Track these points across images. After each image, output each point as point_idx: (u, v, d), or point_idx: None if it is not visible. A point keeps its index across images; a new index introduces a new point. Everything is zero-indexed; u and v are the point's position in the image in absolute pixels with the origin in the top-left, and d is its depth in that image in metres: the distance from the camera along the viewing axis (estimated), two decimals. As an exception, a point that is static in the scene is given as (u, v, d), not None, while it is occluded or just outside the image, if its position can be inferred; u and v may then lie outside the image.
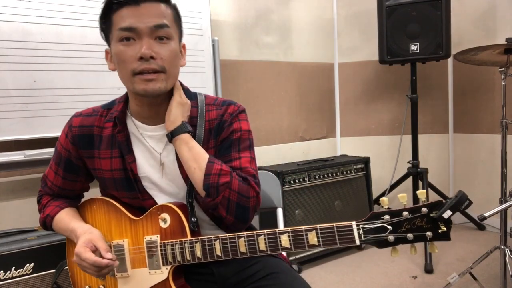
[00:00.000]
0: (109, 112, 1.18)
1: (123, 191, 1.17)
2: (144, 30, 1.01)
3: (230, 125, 1.14)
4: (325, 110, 3.37)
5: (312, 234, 0.96)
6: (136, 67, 1.02)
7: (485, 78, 3.02)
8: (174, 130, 1.08)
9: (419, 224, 0.90)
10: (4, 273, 1.44)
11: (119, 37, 1.03)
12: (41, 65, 1.88)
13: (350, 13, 3.33)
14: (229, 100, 1.19)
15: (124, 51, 1.03)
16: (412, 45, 2.75)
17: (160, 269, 1.10)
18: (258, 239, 1.00)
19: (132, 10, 1.01)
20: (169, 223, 1.10)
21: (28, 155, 1.89)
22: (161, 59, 1.03)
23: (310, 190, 2.61)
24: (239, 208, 1.06)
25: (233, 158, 1.12)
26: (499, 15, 2.92)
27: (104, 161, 1.16)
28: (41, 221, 1.25)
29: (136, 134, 1.16)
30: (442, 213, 0.87)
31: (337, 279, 2.44)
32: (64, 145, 1.20)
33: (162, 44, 1.04)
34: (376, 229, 0.92)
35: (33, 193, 2.06)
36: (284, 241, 0.98)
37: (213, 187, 1.04)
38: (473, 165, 3.19)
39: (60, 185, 1.24)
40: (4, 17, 1.79)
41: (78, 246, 1.08)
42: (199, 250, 1.04)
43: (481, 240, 2.90)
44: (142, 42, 1.01)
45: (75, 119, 1.20)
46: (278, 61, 3.05)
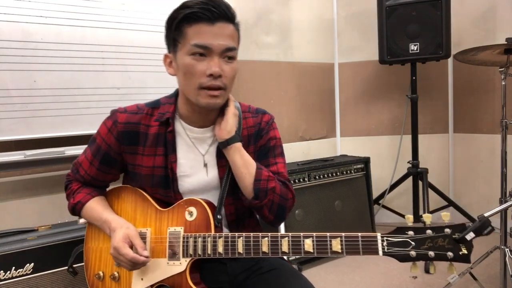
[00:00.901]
0: (155, 111, 1.22)
1: (158, 188, 1.22)
2: (216, 49, 1.08)
3: (267, 133, 1.26)
4: (325, 110, 3.37)
5: (336, 241, 1.00)
6: (204, 82, 1.09)
7: (485, 78, 3.02)
8: (229, 139, 1.17)
9: (441, 243, 0.93)
10: (4, 273, 1.44)
11: (191, 51, 1.09)
12: (41, 65, 1.88)
13: (350, 13, 3.33)
14: (261, 109, 1.30)
15: (194, 65, 1.09)
16: (412, 45, 2.75)
17: (179, 260, 1.13)
18: (282, 240, 1.04)
19: (207, 28, 1.07)
20: (195, 217, 1.15)
21: (28, 155, 1.89)
22: (226, 77, 1.11)
23: (310, 190, 2.61)
24: (280, 208, 1.18)
25: (271, 163, 1.24)
26: (499, 15, 2.92)
27: (146, 158, 1.21)
28: (70, 207, 1.29)
29: (182, 135, 1.22)
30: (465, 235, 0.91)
31: (337, 279, 2.44)
32: (106, 139, 1.22)
33: (228, 63, 1.12)
34: (400, 243, 0.96)
35: (33, 193, 2.06)
36: (308, 245, 1.02)
37: (262, 191, 1.15)
38: (473, 165, 3.19)
39: (93, 175, 1.27)
40: (4, 17, 1.79)
41: (116, 241, 1.12)
42: (221, 246, 1.09)
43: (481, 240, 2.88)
44: (212, 61, 1.08)
45: (121, 115, 1.22)
46: (278, 61, 3.04)
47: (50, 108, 1.91)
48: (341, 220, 2.70)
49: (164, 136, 1.20)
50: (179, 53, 1.12)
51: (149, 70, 2.15)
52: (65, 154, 1.96)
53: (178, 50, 1.12)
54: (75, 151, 1.97)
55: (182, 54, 1.11)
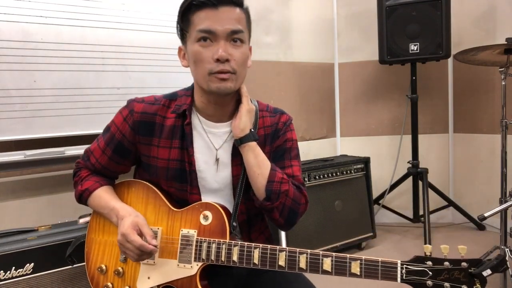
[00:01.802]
0: (172, 103, 1.20)
1: (173, 181, 1.19)
2: (221, 33, 1.07)
3: (284, 134, 1.23)
4: (325, 110, 3.37)
5: (355, 264, 1.00)
6: (213, 67, 1.08)
7: (485, 78, 3.02)
8: (243, 137, 1.15)
9: (457, 276, 0.95)
10: (4, 273, 1.44)
11: (197, 38, 1.08)
12: (41, 65, 1.88)
13: (350, 13, 3.33)
14: (280, 109, 1.29)
15: (201, 52, 1.08)
16: (412, 45, 2.75)
17: (191, 264, 1.11)
18: (300, 257, 1.03)
19: (211, 12, 1.06)
20: (210, 221, 1.12)
21: (28, 155, 1.89)
22: (235, 61, 1.09)
23: (310, 190, 2.61)
24: (291, 212, 1.16)
25: (286, 165, 1.22)
26: (499, 15, 2.92)
27: (162, 150, 1.19)
28: (77, 194, 1.26)
29: (198, 128, 1.19)
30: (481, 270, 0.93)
31: (337, 279, 2.42)
32: (121, 128, 1.21)
33: (236, 47, 1.10)
34: (418, 272, 0.97)
35: (33, 193, 2.06)
36: (326, 265, 1.02)
37: (274, 193, 1.13)
38: (473, 165, 3.19)
39: (104, 164, 1.25)
40: (4, 17, 1.79)
41: (125, 227, 1.10)
42: (236, 254, 1.07)
43: (481, 240, 2.90)
44: (219, 45, 1.07)
45: (138, 104, 1.20)
46: (278, 61, 3.05)
47: (50, 108, 1.91)
48: (341, 220, 2.70)
49: (181, 128, 1.18)
50: (188, 43, 1.12)
51: (149, 70, 2.15)
52: (65, 154, 1.96)
53: (187, 40, 1.12)
54: (75, 151, 1.97)
55: (190, 43, 1.11)
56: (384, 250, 2.81)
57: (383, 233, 3.10)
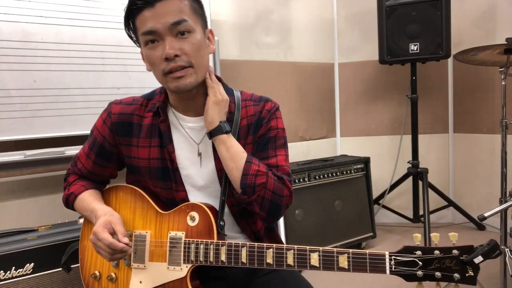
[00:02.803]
0: (150, 102, 1.20)
1: (157, 180, 1.18)
2: (163, 30, 1.03)
3: (268, 122, 1.18)
4: (325, 110, 3.37)
5: (343, 257, 0.97)
6: (165, 67, 1.05)
7: (485, 78, 3.02)
8: (212, 130, 1.11)
9: (448, 264, 0.92)
10: (4, 273, 1.44)
11: (144, 41, 1.06)
12: (41, 65, 1.88)
13: (350, 13, 3.33)
14: (265, 97, 1.23)
15: (151, 54, 1.06)
16: (412, 45, 2.75)
17: (180, 266, 1.10)
18: (287, 253, 1.00)
19: (150, 12, 1.03)
20: (197, 222, 1.11)
21: (28, 155, 1.89)
22: (186, 55, 1.05)
23: (310, 190, 2.61)
24: (272, 205, 1.10)
25: (270, 155, 1.16)
26: (499, 15, 2.92)
27: (142, 150, 1.18)
28: (64, 198, 1.27)
29: (176, 124, 1.18)
30: (473, 257, 0.90)
31: (338, 279, 2.43)
32: (101, 131, 1.21)
33: (184, 39, 1.05)
34: (407, 263, 0.95)
35: (33, 193, 2.06)
36: (314, 260, 0.99)
37: (249, 186, 1.08)
38: (473, 165, 3.18)
39: (90, 168, 1.25)
40: (4, 17, 1.79)
41: (96, 226, 1.09)
42: (224, 254, 1.05)
43: (481, 240, 2.88)
44: (165, 43, 1.03)
45: (115, 106, 1.21)
46: (278, 61, 3.04)
47: (50, 108, 1.91)
48: (341, 220, 2.70)
49: (158, 126, 1.16)
50: (142, 48, 1.10)
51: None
52: (65, 154, 1.96)
53: (140, 45, 1.10)
54: (75, 151, 1.95)
55: (142, 48, 1.09)
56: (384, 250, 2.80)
57: (383, 233, 3.10)
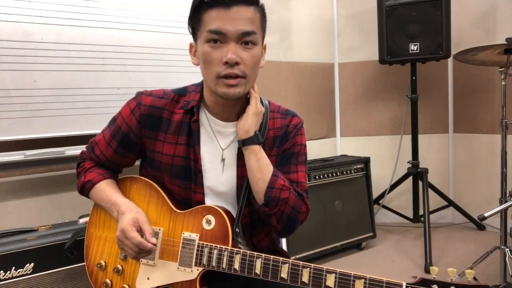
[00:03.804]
0: (181, 98, 1.18)
1: (177, 179, 1.17)
2: (232, 35, 1.03)
3: (294, 137, 1.20)
4: (325, 110, 3.37)
5: (359, 282, 0.97)
6: (221, 70, 1.04)
7: (485, 78, 3.02)
8: (246, 139, 1.12)
9: None
10: (4, 273, 1.44)
11: (206, 38, 1.04)
12: (41, 65, 1.88)
13: (350, 13, 3.33)
14: (292, 111, 1.24)
15: (210, 53, 1.05)
16: (412, 45, 2.75)
17: (191, 268, 1.09)
18: (303, 271, 0.99)
19: (223, 12, 1.02)
20: (212, 226, 1.10)
21: (28, 155, 1.89)
22: (244, 65, 1.05)
23: (310, 190, 2.58)
24: (290, 220, 1.13)
25: (291, 170, 1.18)
26: (499, 15, 2.92)
27: (167, 146, 1.17)
28: (79, 185, 1.23)
29: (205, 126, 1.17)
30: None
31: (337, 279, 2.43)
32: (127, 120, 1.18)
33: (247, 49, 1.05)
34: None
35: (33, 193, 2.06)
36: (330, 281, 0.97)
37: (273, 200, 1.10)
38: (473, 165, 3.18)
39: (109, 156, 1.23)
40: (4, 17, 1.79)
41: (125, 223, 1.08)
42: (238, 263, 1.04)
43: (481, 240, 2.90)
44: (228, 47, 1.03)
45: (146, 97, 1.18)
46: (278, 61, 3.04)
47: (50, 108, 1.91)
48: (341, 220, 2.70)
49: (188, 125, 1.15)
50: (198, 42, 1.08)
51: (149, 70, 2.15)
52: (65, 154, 1.96)
53: (198, 39, 1.08)
54: (75, 151, 1.97)
55: (200, 42, 1.07)
56: (384, 250, 2.81)
57: (383, 233, 3.10)
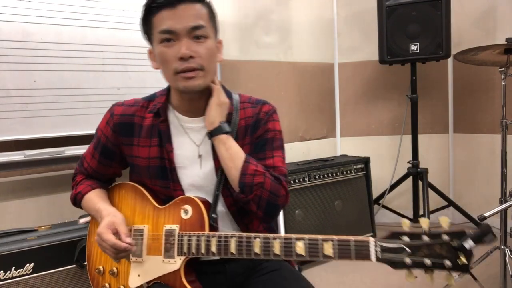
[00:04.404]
0: (150, 103, 1.25)
1: (156, 179, 1.22)
2: (182, 31, 1.08)
3: (265, 124, 1.22)
4: (325, 110, 3.37)
5: (328, 245, 0.96)
6: (178, 66, 1.09)
7: (485, 78, 3.02)
8: (212, 131, 1.16)
9: (438, 251, 0.86)
10: (4, 273, 1.44)
11: (160, 39, 1.10)
12: (41, 65, 1.88)
13: (350, 13, 3.33)
14: (263, 100, 1.27)
15: (165, 52, 1.10)
16: (412, 45, 2.75)
17: (174, 258, 1.13)
18: (274, 242, 1.01)
19: (170, 12, 1.08)
20: (190, 215, 1.14)
21: (28, 155, 1.89)
22: (200, 58, 1.10)
23: (310, 190, 2.61)
24: (269, 205, 1.13)
25: (267, 156, 1.19)
26: (499, 15, 2.92)
27: (142, 149, 1.22)
28: (72, 197, 1.31)
29: (176, 125, 1.22)
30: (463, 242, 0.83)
31: (338, 280, 2.44)
32: (104, 131, 1.26)
33: (199, 43, 1.10)
34: (394, 249, 0.89)
35: (33, 193, 2.06)
36: (300, 248, 0.98)
37: (247, 186, 1.12)
38: (473, 165, 3.18)
39: (95, 167, 1.30)
40: (4, 17, 1.79)
41: (100, 227, 1.13)
42: (215, 245, 1.07)
43: (481, 240, 2.89)
44: (181, 43, 1.09)
45: (117, 107, 1.26)
46: (278, 61, 3.04)
47: (50, 108, 1.91)
48: (341, 220, 2.70)
49: (158, 127, 1.21)
50: (154, 45, 1.14)
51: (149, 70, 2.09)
52: (65, 154, 1.96)
53: (153, 43, 1.15)
54: (75, 151, 1.97)
55: (155, 45, 1.13)
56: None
57: (383, 233, 3.09)
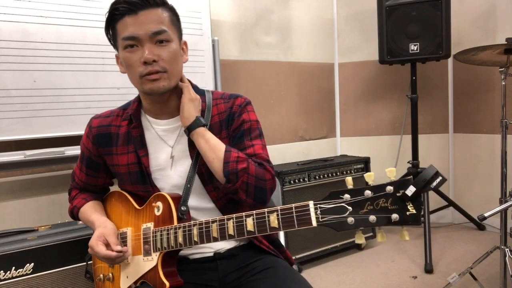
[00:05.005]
0: (124, 111, 1.28)
1: (137, 185, 1.25)
2: (144, 37, 1.10)
3: (239, 116, 1.22)
4: (325, 110, 3.37)
5: (273, 216, 0.95)
6: (142, 70, 1.11)
7: (485, 78, 3.02)
8: (190, 125, 1.17)
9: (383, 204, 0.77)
10: (4, 273, 1.44)
11: (123, 45, 1.13)
12: (41, 65, 1.88)
13: (350, 13, 3.33)
14: (236, 94, 1.28)
15: (130, 57, 1.12)
16: (412, 45, 2.75)
17: (151, 256, 1.15)
18: (228, 223, 1.02)
19: (132, 19, 1.10)
20: (161, 211, 1.16)
21: (28, 155, 1.89)
22: (163, 61, 1.12)
23: (310, 190, 2.61)
24: (257, 190, 1.13)
25: (246, 146, 1.19)
26: (499, 15, 2.92)
27: (121, 157, 1.25)
28: (69, 211, 1.36)
29: (149, 129, 1.24)
30: (405, 190, 0.74)
31: (337, 279, 2.43)
32: (86, 145, 1.31)
33: (162, 46, 1.12)
34: (335, 210, 0.82)
35: (33, 193, 2.06)
36: (250, 225, 0.99)
37: (232, 173, 1.11)
38: (473, 165, 3.19)
39: (84, 180, 1.34)
40: (4, 17, 1.79)
41: (91, 240, 1.17)
42: (181, 236, 1.09)
43: (481, 240, 2.90)
44: (144, 48, 1.11)
45: (94, 120, 1.30)
46: (278, 61, 3.05)
47: (50, 108, 1.91)
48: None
49: (131, 132, 1.23)
50: (119, 51, 1.16)
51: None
52: (65, 154, 1.96)
53: (118, 49, 1.16)
54: (75, 151, 1.97)
55: (120, 51, 1.15)
56: (384, 250, 2.81)
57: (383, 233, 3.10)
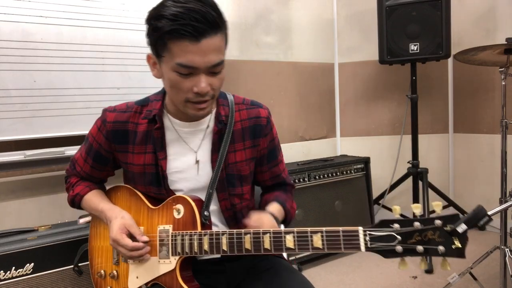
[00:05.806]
0: (144, 108, 1.20)
1: (150, 186, 1.20)
2: (203, 68, 1.02)
3: (271, 131, 1.26)
4: (325, 110, 3.37)
5: (317, 237, 0.95)
6: (191, 97, 1.05)
7: (485, 78, 3.02)
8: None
9: (431, 236, 0.82)
10: (4, 273, 1.44)
11: (175, 69, 1.02)
12: (41, 65, 1.88)
13: (350, 13, 3.33)
14: (256, 101, 1.27)
15: (180, 82, 1.03)
16: (412, 45, 2.75)
17: (169, 259, 1.12)
18: (264, 237, 1.01)
19: (194, 46, 0.98)
20: (182, 214, 1.13)
21: (28, 155, 1.89)
22: (213, 89, 1.07)
23: (310, 190, 2.61)
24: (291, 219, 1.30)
25: (279, 161, 1.30)
26: (499, 15, 2.92)
27: (137, 156, 1.20)
28: (69, 199, 1.31)
29: (171, 130, 1.19)
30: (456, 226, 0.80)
31: (338, 279, 2.43)
32: (96, 138, 1.24)
33: (215, 75, 1.06)
34: (384, 238, 0.86)
35: (33, 193, 2.06)
36: (289, 241, 0.98)
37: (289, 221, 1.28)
38: (473, 165, 3.18)
39: (88, 171, 1.30)
40: (4, 17, 1.79)
41: (114, 233, 1.12)
42: (207, 243, 1.07)
43: (481, 240, 2.90)
44: (199, 77, 1.02)
45: (109, 114, 1.21)
46: (278, 61, 3.04)
47: (50, 108, 1.91)
48: (341, 220, 2.70)
49: (152, 133, 1.18)
50: (163, 65, 1.05)
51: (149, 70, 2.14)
52: (65, 154, 1.96)
53: (162, 62, 1.05)
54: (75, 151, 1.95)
55: (166, 68, 1.04)
56: (384, 250, 2.81)
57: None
